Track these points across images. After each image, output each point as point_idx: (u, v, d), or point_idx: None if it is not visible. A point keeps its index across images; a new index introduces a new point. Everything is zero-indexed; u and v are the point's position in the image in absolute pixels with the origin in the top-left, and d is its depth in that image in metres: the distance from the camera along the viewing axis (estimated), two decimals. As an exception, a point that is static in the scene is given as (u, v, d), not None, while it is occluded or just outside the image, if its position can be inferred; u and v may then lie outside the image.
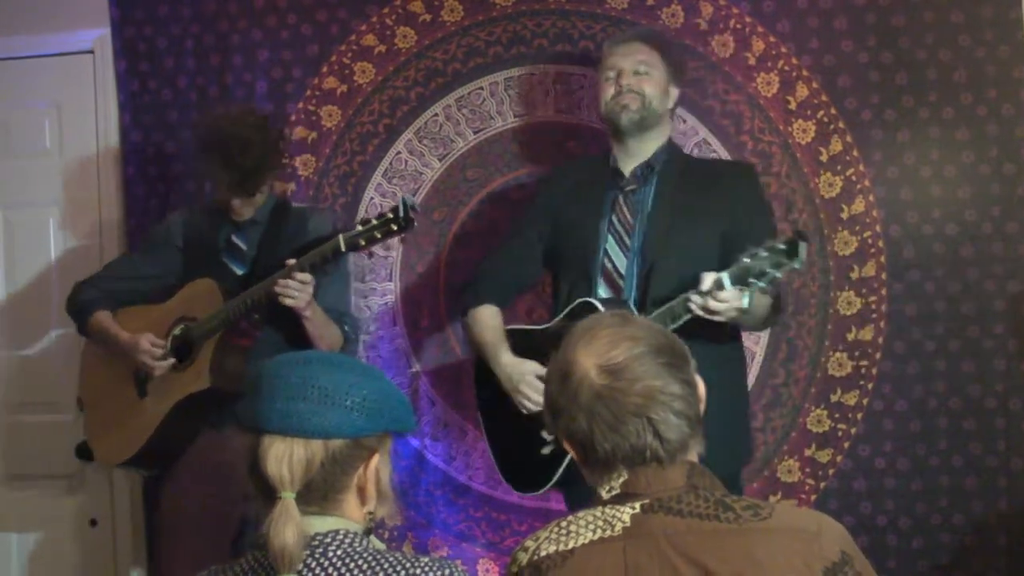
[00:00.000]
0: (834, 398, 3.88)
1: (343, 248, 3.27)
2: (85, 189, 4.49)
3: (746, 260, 2.89)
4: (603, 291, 3.27)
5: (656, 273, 3.20)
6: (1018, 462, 3.78)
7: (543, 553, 1.82)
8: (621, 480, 1.82)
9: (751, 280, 2.88)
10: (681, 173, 3.35)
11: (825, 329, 3.88)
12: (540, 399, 3.19)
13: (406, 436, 4.03)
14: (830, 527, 1.78)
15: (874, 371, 3.86)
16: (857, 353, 3.87)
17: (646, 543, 1.76)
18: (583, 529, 1.82)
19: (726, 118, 3.95)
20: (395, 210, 3.20)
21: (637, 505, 1.79)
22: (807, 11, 3.90)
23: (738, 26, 3.95)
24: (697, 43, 3.97)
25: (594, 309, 3.12)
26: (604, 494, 1.84)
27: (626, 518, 1.79)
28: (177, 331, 3.58)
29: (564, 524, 1.85)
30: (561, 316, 3.29)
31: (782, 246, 2.86)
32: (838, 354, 3.88)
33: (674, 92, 3.45)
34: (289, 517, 1.76)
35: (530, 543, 1.86)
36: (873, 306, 3.86)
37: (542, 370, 3.23)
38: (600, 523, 1.81)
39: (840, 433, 3.87)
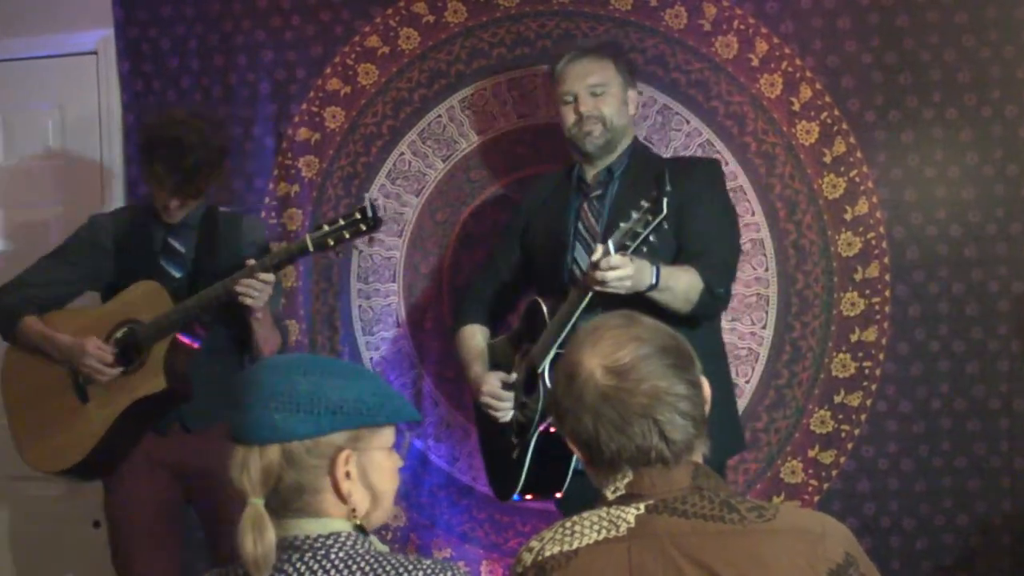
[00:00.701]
0: (837, 399, 3.88)
1: (311, 248, 3.29)
2: (89, 190, 4.50)
3: (622, 224, 2.88)
4: None
5: None
6: (1022, 463, 3.78)
7: (547, 553, 1.82)
8: (626, 481, 1.82)
9: (628, 243, 2.85)
10: (642, 174, 3.32)
11: (828, 330, 3.88)
12: (501, 405, 3.31)
13: (403, 430, 4.03)
14: (834, 528, 1.78)
15: (878, 372, 3.86)
16: (860, 354, 3.87)
17: (650, 544, 1.76)
18: (587, 529, 1.82)
19: (729, 119, 3.95)
20: (363, 210, 3.22)
21: (642, 506, 1.79)
22: (810, 12, 3.90)
23: (741, 27, 3.95)
24: (701, 44, 3.97)
25: (538, 308, 3.24)
26: (609, 495, 1.84)
27: (631, 519, 1.79)
28: (119, 334, 3.52)
29: (569, 525, 1.85)
30: (520, 321, 3.39)
31: (646, 204, 2.83)
32: (841, 355, 3.88)
33: (633, 95, 3.49)
34: (251, 524, 1.75)
35: (535, 543, 1.86)
36: (877, 307, 3.86)
37: (507, 377, 3.32)
38: (605, 523, 1.80)
39: (843, 434, 3.87)
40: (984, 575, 3.79)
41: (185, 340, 3.51)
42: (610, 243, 2.86)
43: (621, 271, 2.88)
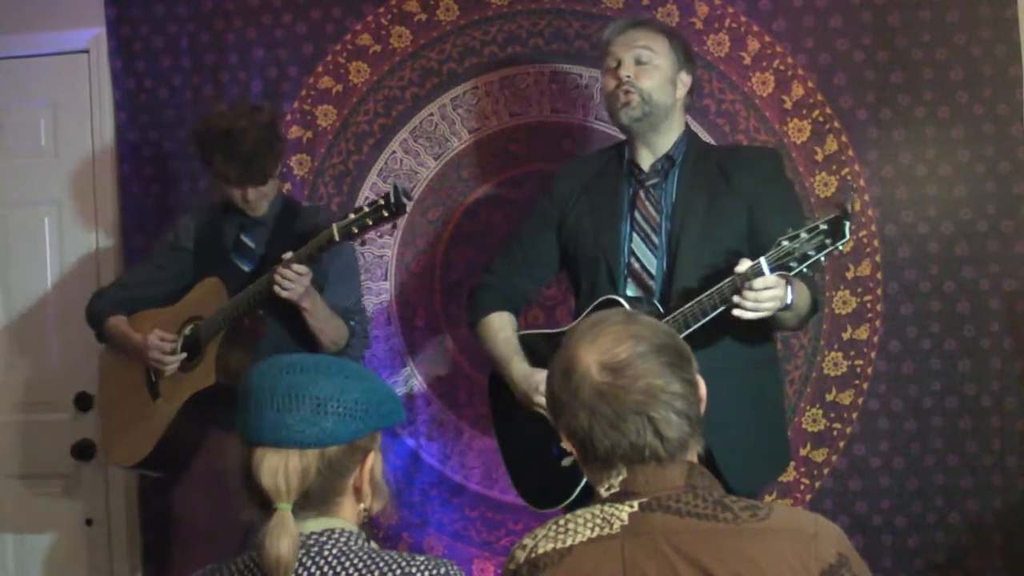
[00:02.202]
0: (829, 397, 3.88)
1: (337, 237, 3.27)
2: (81, 188, 4.48)
3: (785, 243, 2.69)
4: (632, 291, 3.12)
5: (683, 270, 3.04)
6: (1013, 460, 3.78)
7: (541, 551, 1.82)
8: (620, 478, 1.83)
9: (792, 265, 2.68)
10: (702, 163, 3.16)
11: (820, 328, 3.88)
12: None
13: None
14: (827, 528, 1.78)
15: (869, 370, 3.86)
16: (852, 352, 3.87)
17: (644, 542, 1.76)
18: (581, 527, 1.82)
19: (721, 117, 3.95)
20: (386, 196, 3.20)
21: (635, 504, 1.80)
22: (802, 10, 3.90)
23: (733, 25, 3.95)
24: (692, 42, 3.95)
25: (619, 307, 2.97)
26: (603, 492, 1.85)
27: (624, 516, 1.79)
28: (187, 331, 3.60)
29: (563, 522, 1.85)
30: (583, 316, 3.07)
31: (824, 226, 2.65)
32: (833, 353, 3.88)
33: (686, 79, 3.23)
34: (284, 529, 1.76)
35: (528, 541, 1.87)
36: (868, 305, 3.86)
37: None
38: (598, 521, 1.81)
39: (835, 432, 3.88)
40: (976, 573, 3.79)
41: (241, 334, 3.54)
42: (763, 261, 2.69)
43: (775, 291, 2.72)
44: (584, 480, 3.04)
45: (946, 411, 3.82)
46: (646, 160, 3.21)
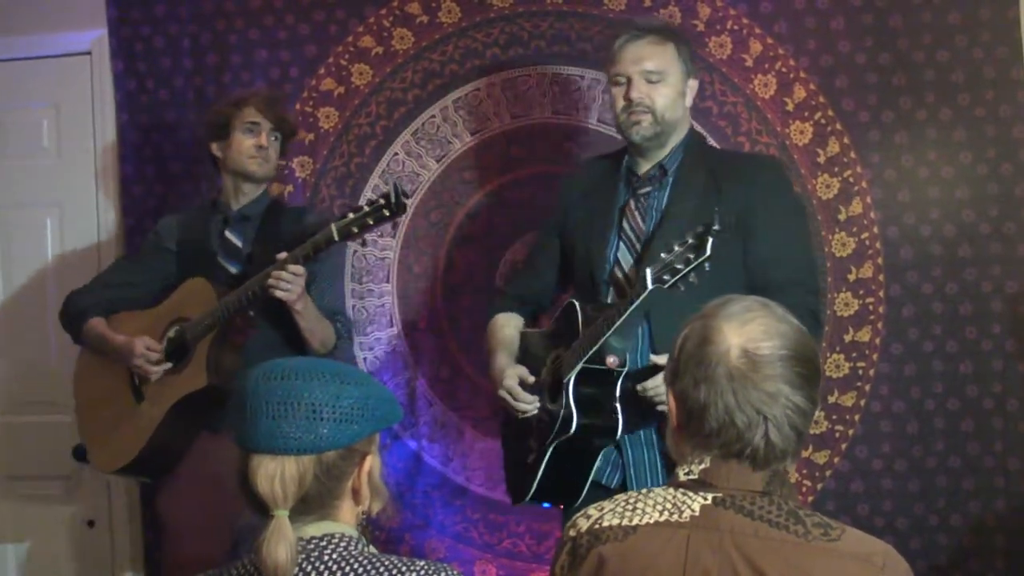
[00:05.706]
0: (831, 399, 3.88)
1: (336, 237, 3.25)
2: (83, 189, 4.49)
3: (663, 256, 2.69)
4: (612, 299, 3.07)
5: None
6: (1015, 462, 3.78)
7: (605, 523, 1.83)
8: (702, 467, 1.83)
9: (665, 278, 2.67)
10: (697, 172, 3.12)
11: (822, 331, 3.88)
12: (519, 405, 3.09)
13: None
14: (895, 563, 1.78)
15: (871, 372, 3.86)
16: (855, 354, 3.87)
17: (711, 537, 1.77)
18: (650, 508, 1.83)
19: (723, 119, 3.95)
20: (387, 195, 3.18)
21: (709, 496, 1.80)
22: (804, 12, 3.90)
23: (735, 27, 3.95)
24: (694, 45, 3.95)
25: (573, 312, 3.00)
26: (681, 475, 1.85)
27: (696, 507, 1.79)
28: (172, 333, 3.57)
29: (632, 500, 1.86)
30: (553, 321, 3.15)
31: (690, 240, 2.65)
32: (835, 355, 3.88)
33: (693, 84, 3.21)
34: (282, 536, 1.75)
35: (593, 512, 1.88)
36: (871, 307, 3.86)
37: (529, 377, 3.10)
38: (668, 506, 1.82)
39: (837, 434, 3.87)
40: (978, 575, 3.80)
41: (230, 336, 3.53)
42: (648, 273, 2.70)
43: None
44: (539, 478, 3.06)
45: (948, 413, 3.82)
46: (643, 168, 3.19)
